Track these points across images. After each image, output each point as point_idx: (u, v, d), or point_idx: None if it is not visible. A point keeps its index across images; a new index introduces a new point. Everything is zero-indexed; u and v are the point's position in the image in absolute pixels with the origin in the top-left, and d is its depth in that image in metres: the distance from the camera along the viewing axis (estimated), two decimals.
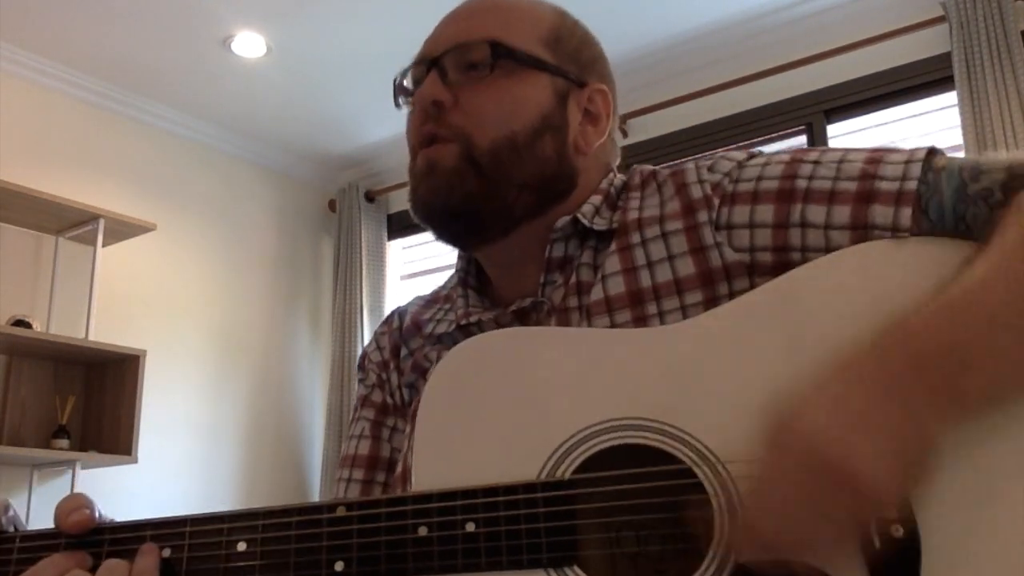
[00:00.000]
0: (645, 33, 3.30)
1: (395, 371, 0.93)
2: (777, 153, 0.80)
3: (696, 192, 0.79)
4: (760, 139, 3.30)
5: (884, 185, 0.71)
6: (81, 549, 0.71)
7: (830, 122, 3.21)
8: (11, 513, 0.73)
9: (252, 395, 3.93)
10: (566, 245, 0.83)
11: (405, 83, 0.88)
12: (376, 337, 0.98)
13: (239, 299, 3.97)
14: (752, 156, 0.81)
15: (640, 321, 0.76)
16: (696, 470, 0.65)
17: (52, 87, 3.47)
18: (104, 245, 3.32)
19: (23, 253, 3.33)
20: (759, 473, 0.61)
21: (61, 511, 0.71)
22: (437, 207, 0.82)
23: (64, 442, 3.16)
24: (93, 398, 3.34)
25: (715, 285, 0.75)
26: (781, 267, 0.73)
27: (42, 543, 0.71)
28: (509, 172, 0.81)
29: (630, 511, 0.65)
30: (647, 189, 0.84)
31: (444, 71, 0.83)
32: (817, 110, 3.21)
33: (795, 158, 0.78)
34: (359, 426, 0.94)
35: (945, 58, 2.91)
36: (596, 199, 0.85)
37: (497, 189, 0.81)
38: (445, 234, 0.86)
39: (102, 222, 3.27)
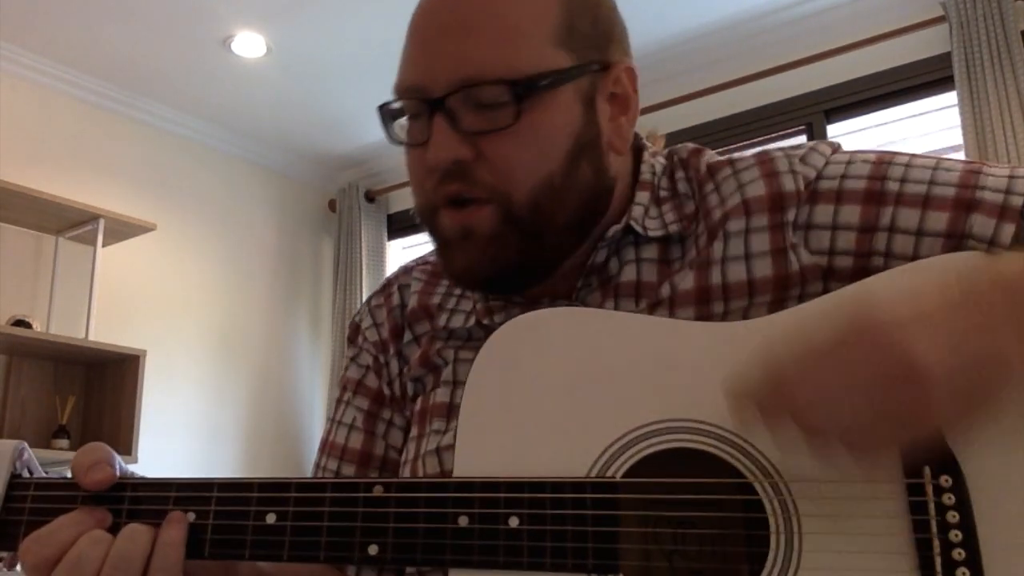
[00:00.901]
0: (645, 33, 3.30)
1: (396, 356, 0.84)
2: (862, 151, 0.74)
3: (788, 184, 0.72)
4: (760, 139, 3.30)
5: (988, 195, 0.66)
6: (100, 505, 0.66)
7: (830, 122, 3.21)
8: (25, 457, 0.69)
9: (252, 395, 3.93)
10: (608, 249, 0.76)
11: (396, 117, 0.76)
12: (371, 310, 0.88)
13: (239, 299, 3.97)
14: (835, 151, 0.74)
15: (703, 320, 0.71)
16: (757, 486, 0.61)
17: (52, 87, 3.47)
18: (104, 245, 3.32)
19: (23, 253, 3.33)
20: (822, 350, 0.55)
21: (79, 465, 0.66)
22: (479, 275, 0.73)
23: (64, 442, 3.15)
24: (93, 398, 3.34)
25: (788, 289, 0.70)
26: (860, 273, 0.67)
27: (58, 493, 0.67)
28: (552, 218, 0.71)
29: (680, 522, 0.62)
30: (720, 174, 0.76)
31: (453, 116, 0.70)
32: (817, 110, 3.20)
33: (883, 159, 0.71)
34: (350, 414, 0.85)
35: (945, 58, 2.91)
36: (643, 197, 0.77)
37: (541, 240, 0.72)
38: (487, 291, 0.78)
39: (102, 222, 3.27)
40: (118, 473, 0.67)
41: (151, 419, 3.34)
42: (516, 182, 0.70)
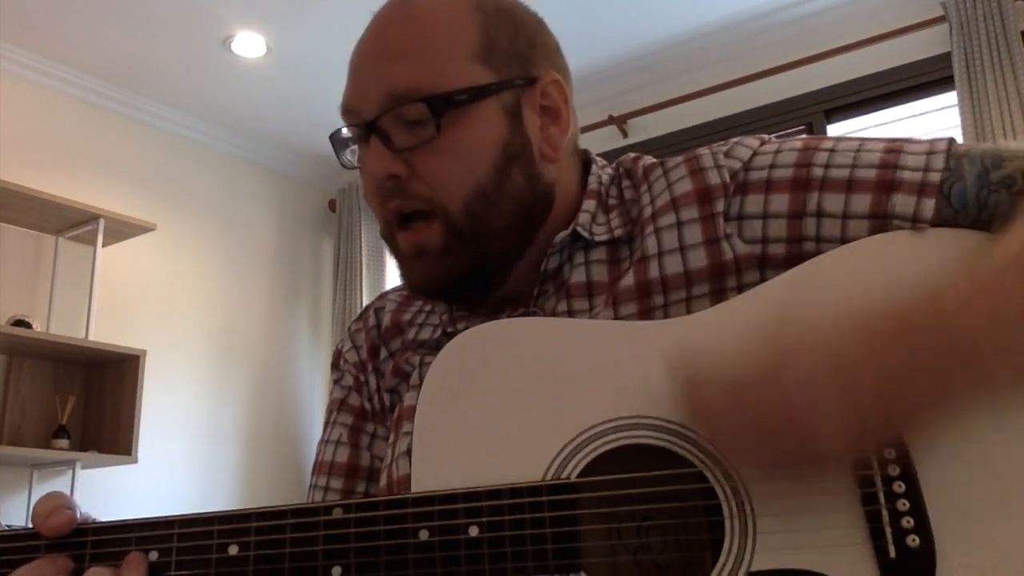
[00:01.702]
0: (645, 33, 3.30)
1: (373, 373, 0.89)
2: (789, 140, 0.77)
3: (713, 177, 0.75)
4: None
5: (907, 175, 0.69)
6: (63, 551, 0.66)
7: (830, 122, 3.21)
8: None
9: (252, 395, 3.93)
10: (561, 256, 0.80)
11: (345, 142, 0.83)
12: (351, 335, 0.93)
13: (239, 299, 3.97)
14: (764, 143, 0.77)
15: (645, 314, 0.74)
16: (707, 473, 0.63)
17: (52, 87, 3.47)
18: (104, 245, 3.32)
19: (23, 253, 3.33)
20: (737, 389, 0.60)
21: (38, 512, 0.66)
22: (435, 285, 0.79)
23: (64, 442, 3.16)
24: (93, 398, 3.34)
25: (724, 278, 0.73)
26: (794, 259, 0.70)
27: (19, 544, 0.66)
28: (489, 225, 0.76)
29: (638, 516, 0.63)
30: (652, 175, 0.80)
31: (386, 135, 0.75)
32: (817, 110, 3.21)
33: (808, 145, 0.74)
34: (336, 431, 0.89)
35: (945, 58, 2.92)
36: (590, 204, 0.81)
37: (485, 247, 0.77)
38: (449, 301, 0.83)
39: (102, 222, 3.27)
40: (78, 516, 0.67)
41: (151, 419, 3.34)
42: (448, 193, 0.75)
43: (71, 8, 3.11)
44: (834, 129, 3.21)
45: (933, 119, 3.07)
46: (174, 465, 3.56)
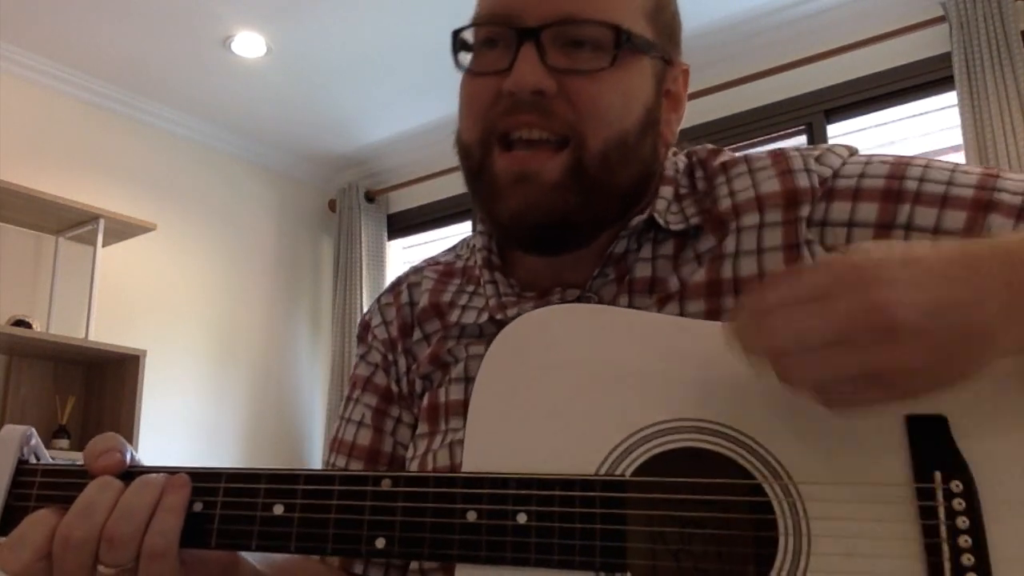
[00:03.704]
0: None
1: (403, 353, 0.84)
2: (879, 154, 0.74)
3: (803, 180, 0.72)
4: (760, 139, 3.30)
5: (1005, 197, 0.66)
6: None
7: (830, 122, 3.21)
8: (33, 442, 0.68)
9: (252, 395, 3.93)
10: (628, 241, 0.75)
11: (467, 38, 0.75)
12: (381, 308, 0.89)
13: (239, 299, 3.97)
14: (853, 153, 0.74)
15: (713, 314, 0.70)
16: (765, 486, 0.60)
17: (52, 87, 3.47)
18: (104, 245, 3.32)
19: (23, 253, 3.33)
20: (807, 296, 0.53)
21: (91, 452, 0.66)
22: (530, 221, 0.72)
23: (64, 442, 3.16)
24: (93, 398, 3.34)
25: None
26: None
27: (66, 480, 0.66)
28: (615, 179, 0.72)
29: (690, 523, 0.61)
30: (734, 170, 0.76)
31: (543, 49, 0.70)
32: (817, 110, 3.21)
33: (901, 160, 0.72)
34: (359, 411, 0.85)
35: (945, 58, 2.92)
36: (667, 191, 0.77)
37: (600, 201, 0.72)
38: (524, 242, 0.76)
39: (102, 222, 3.27)
40: (128, 460, 0.67)
41: (151, 419, 3.34)
42: (595, 126, 0.70)
43: (71, 8, 3.11)
44: (834, 129, 3.21)
45: (933, 119, 3.07)
46: (174, 465, 3.55)
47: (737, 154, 0.80)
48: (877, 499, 0.60)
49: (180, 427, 3.63)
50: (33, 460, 0.68)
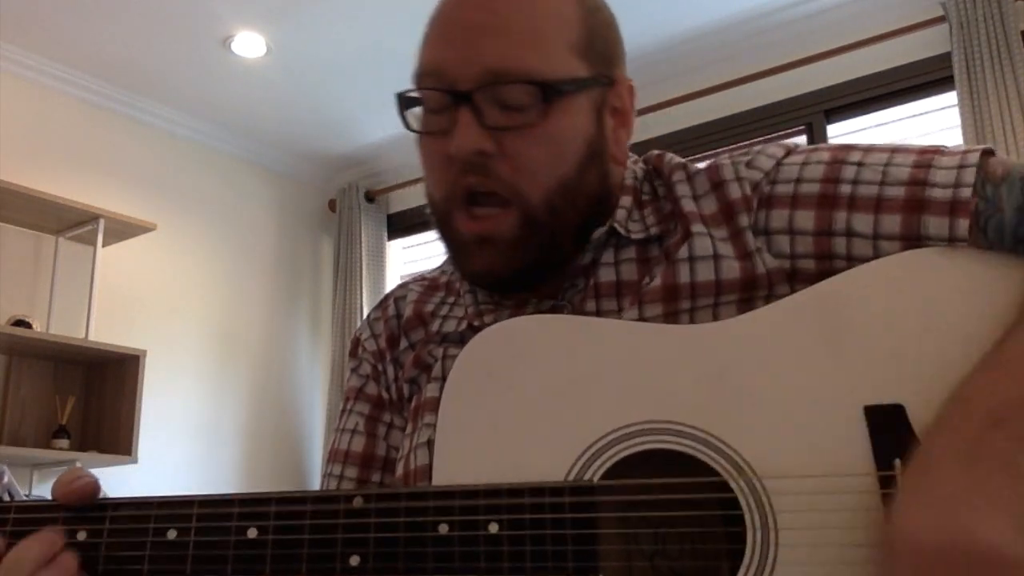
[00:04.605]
0: (645, 33, 3.30)
1: (391, 363, 0.88)
2: (817, 149, 0.75)
3: (734, 191, 0.74)
4: (760, 139, 3.30)
5: (936, 193, 0.67)
6: (81, 524, 0.66)
7: (830, 122, 3.21)
8: (5, 480, 0.69)
9: (252, 395, 3.93)
10: (595, 252, 0.78)
11: (411, 102, 0.78)
12: (370, 323, 0.92)
13: (239, 299, 3.97)
14: (789, 152, 0.76)
15: (671, 316, 0.72)
16: (731, 483, 0.62)
17: (52, 87, 3.47)
18: (104, 245, 3.32)
19: (23, 253, 3.33)
20: None
21: (61, 481, 0.66)
22: (497, 278, 0.77)
23: (64, 442, 3.16)
24: (93, 398, 3.34)
25: (755, 289, 0.72)
26: (825, 274, 0.69)
27: (39, 516, 0.66)
28: (565, 220, 0.75)
29: (659, 522, 0.63)
30: (675, 177, 0.79)
31: (479, 110, 0.72)
32: (817, 110, 3.21)
33: (836, 158, 0.73)
34: (352, 420, 0.88)
35: (945, 58, 2.92)
36: (626, 200, 0.80)
37: (556, 241, 0.75)
38: (501, 291, 0.80)
39: (102, 222, 3.27)
40: (100, 491, 0.67)
41: (151, 419, 3.34)
42: (534, 181, 0.73)
43: (71, 8, 3.11)
44: (834, 129, 3.21)
45: (933, 119, 3.07)
46: (174, 465, 3.55)
47: (679, 160, 0.82)
48: (841, 489, 0.61)
49: (180, 427, 3.63)
50: (6, 498, 0.70)
